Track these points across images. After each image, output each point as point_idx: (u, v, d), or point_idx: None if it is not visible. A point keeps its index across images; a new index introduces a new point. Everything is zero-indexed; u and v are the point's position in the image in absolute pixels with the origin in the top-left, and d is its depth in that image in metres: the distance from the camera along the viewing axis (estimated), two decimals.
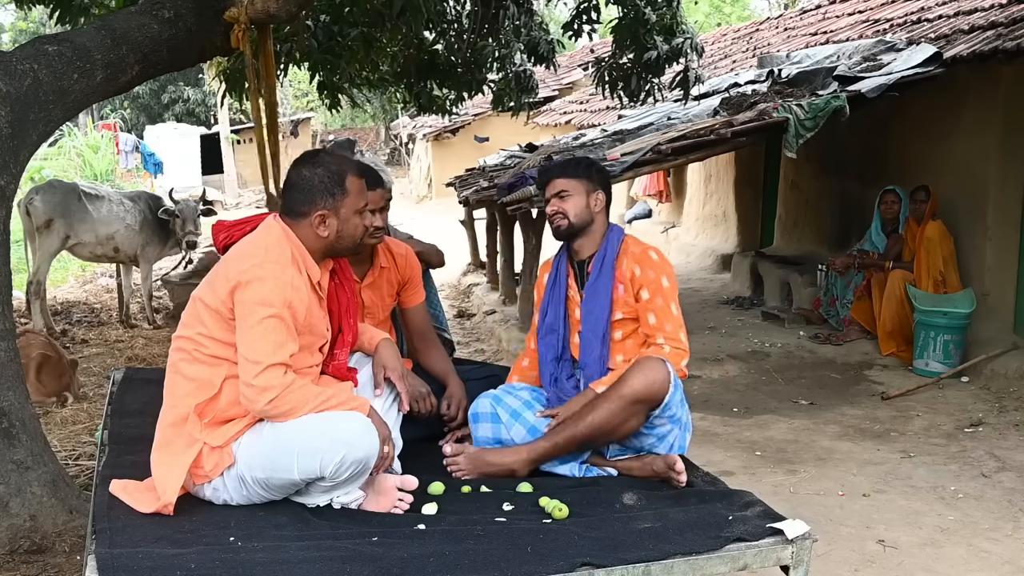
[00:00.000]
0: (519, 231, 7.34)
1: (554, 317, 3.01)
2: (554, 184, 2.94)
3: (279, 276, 2.29)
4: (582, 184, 2.92)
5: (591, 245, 2.96)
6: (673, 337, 2.83)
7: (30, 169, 12.48)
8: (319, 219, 2.39)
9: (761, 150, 8.57)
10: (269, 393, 2.22)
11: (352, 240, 2.47)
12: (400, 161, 26.77)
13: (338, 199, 2.40)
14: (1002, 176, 5.63)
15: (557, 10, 20.37)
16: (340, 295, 2.62)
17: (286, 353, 2.27)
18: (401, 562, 2.02)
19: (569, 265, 3.02)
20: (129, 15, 3.58)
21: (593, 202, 2.93)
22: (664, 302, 2.84)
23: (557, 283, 3.03)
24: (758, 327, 6.94)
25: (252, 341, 2.24)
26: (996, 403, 4.97)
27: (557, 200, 2.93)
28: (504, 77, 6.58)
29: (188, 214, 7.36)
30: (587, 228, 2.93)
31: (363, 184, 2.49)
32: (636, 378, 2.62)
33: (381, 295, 3.12)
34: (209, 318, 2.32)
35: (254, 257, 2.32)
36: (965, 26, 6.08)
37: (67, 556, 2.92)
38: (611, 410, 2.64)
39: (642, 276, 2.86)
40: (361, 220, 2.48)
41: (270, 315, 2.24)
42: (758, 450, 4.38)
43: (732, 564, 2.19)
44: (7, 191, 3.04)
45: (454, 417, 3.02)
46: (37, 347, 4.98)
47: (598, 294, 2.90)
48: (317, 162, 2.44)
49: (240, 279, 2.27)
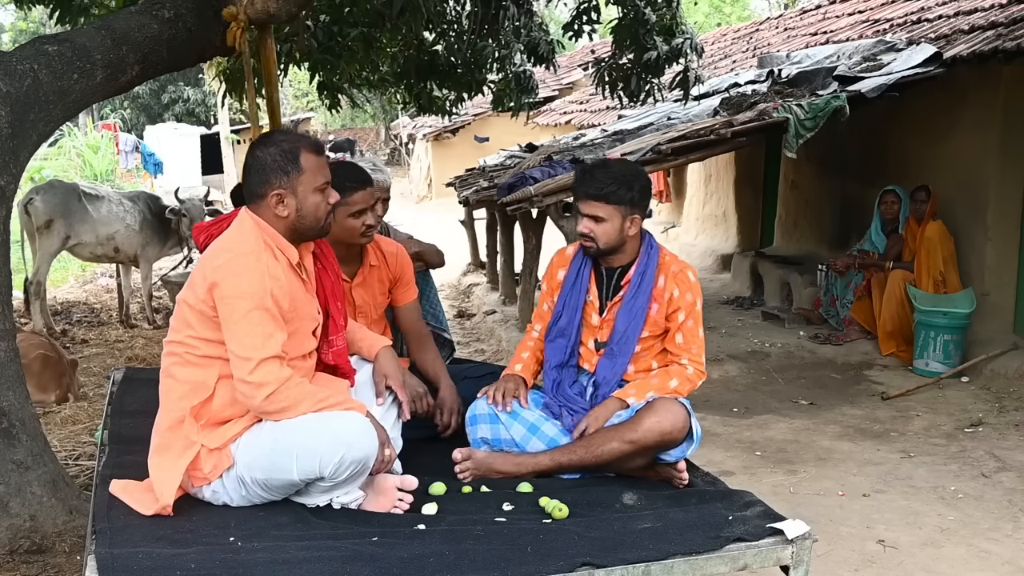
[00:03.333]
0: (519, 231, 7.34)
1: (567, 322, 2.91)
2: (590, 205, 2.77)
3: (253, 267, 2.26)
4: (619, 210, 2.75)
5: (622, 258, 2.85)
6: (697, 360, 2.84)
7: (30, 169, 12.48)
8: (276, 199, 2.33)
9: (761, 150, 8.56)
10: (266, 389, 2.21)
11: (315, 219, 2.39)
12: (400, 161, 26.76)
13: (292, 176, 2.33)
14: (1002, 176, 5.63)
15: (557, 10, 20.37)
16: (324, 279, 2.59)
17: (276, 344, 2.24)
18: (401, 562, 2.02)
19: (592, 270, 2.91)
20: (129, 15, 3.58)
21: (627, 226, 2.78)
22: (694, 324, 2.84)
23: (577, 287, 2.90)
24: (758, 327, 6.94)
25: (240, 337, 2.22)
26: (996, 403, 4.97)
27: (589, 221, 2.78)
28: (504, 77, 6.58)
29: (195, 213, 7.39)
30: (618, 248, 2.83)
31: (321, 161, 2.38)
32: (652, 427, 2.61)
33: (373, 294, 3.11)
34: (195, 319, 2.30)
35: (226, 252, 2.30)
36: (965, 26, 6.08)
37: (67, 556, 2.92)
38: (622, 451, 2.66)
39: (680, 298, 2.81)
40: (324, 198, 2.39)
41: (252, 308, 2.22)
42: (758, 450, 4.38)
43: (732, 564, 2.19)
44: (7, 191, 3.04)
45: (448, 426, 3.01)
46: (37, 347, 4.98)
47: (634, 314, 2.81)
48: (270, 141, 2.37)
49: (215, 277, 2.25)
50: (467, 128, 19.46)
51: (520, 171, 6.55)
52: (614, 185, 2.75)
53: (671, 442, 2.64)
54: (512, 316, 7.24)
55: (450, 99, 6.73)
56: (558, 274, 2.98)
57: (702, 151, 5.89)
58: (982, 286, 5.71)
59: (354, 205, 2.84)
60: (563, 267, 2.98)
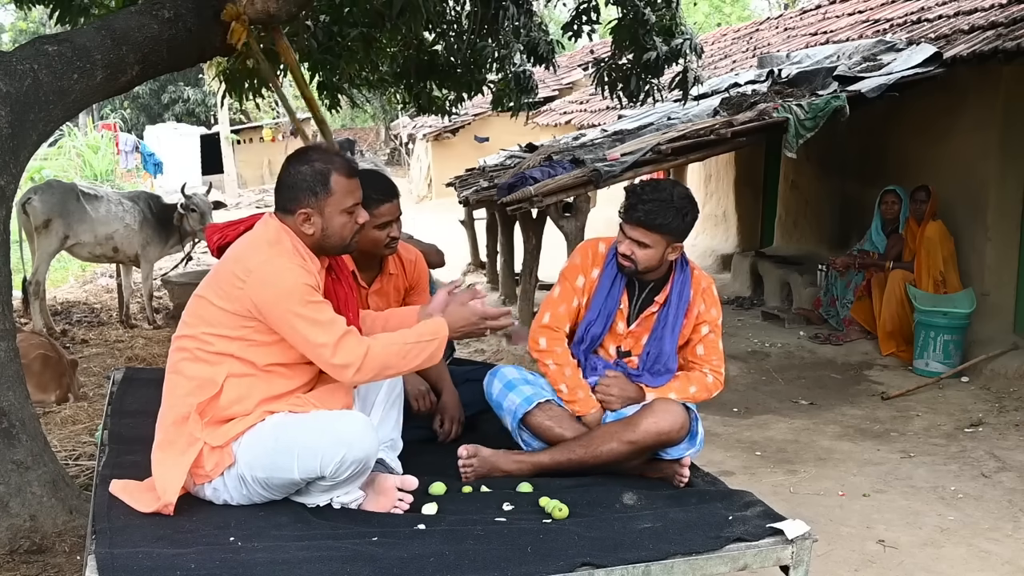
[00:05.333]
0: (519, 231, 7.34)
1: (600, 330, 2.89)
2: (636, 230, 2.72)
3: (290, 266, 2.30)
4: (664, 239, 2.72)
5: (655, 275, 2.84)
6: (717, 370, 2.91)
7: (30, 169, 12.47)
8: (303, 217, 2.38)
9: (761, 150, 8.56)
10: (351, 368, 2.28)
11: (340, 239, 2.43)
12: (400, 161, 26.76)
13: (321, 198, 2.37)
14: (1002, 176, 5.63)
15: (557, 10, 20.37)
16: (337, 290, 2.61)
17: (341, 323, 2.31)
18: (401, 562, 2.02)
19: (625, 282, 2.88)
20: (129, 15, 3.58)
21: (668, 252, 2.76)
22: (715, 337, 2.91)
23: (612, 295, 2.86)
24: (758, 327, 6.94)
25: (305, 334, 2.27)
26: (996, 403, 4.97)
27: (632, 244, 2.74)
28: (504, 77, 6.58)
29: (205, 208, 7.43)
30: (655, 269, 2.81)
31: (352, 184, 2.42)
32: (649, 428, 2.63)
33: (388, 301, 3.11)
34: (216, 315, 2.31)
35: (260, 254, 2.33)
36: (965, 26, 6.07)
37: (67, 556, 2.92)
38: (621, 451, 2.67)
39: (706, 313, 2.88)
40: (351, 219, 2.42)
41: (304, 301, 2.26)
42: (758, 450, 4.38)
43: (732, 564, 2.19)
44: (7, 191, 3.04)
45: (448, 433, 3.01)
46: (37, 347, 4.97)
47: (672, 331, 2.84)
48: (304, 159, 2.41)
49: (253, 282, 2.27)
50: (467, 128, 19.44)
51: (520, 171, 6.54)
52: (667, 216, 2.69)
53: (669, 442, 2.66)
54: (512, 316, 7.23)
55: (450, 99, 6.73)
56: (592, 272, 2.90)
57: (702, 151, 5.89)
58: (982, 286, 5.71)
59: (380, 217, 2.83)
60: (598, 266, 2.90)
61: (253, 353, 2.33)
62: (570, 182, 5.44)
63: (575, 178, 5.46)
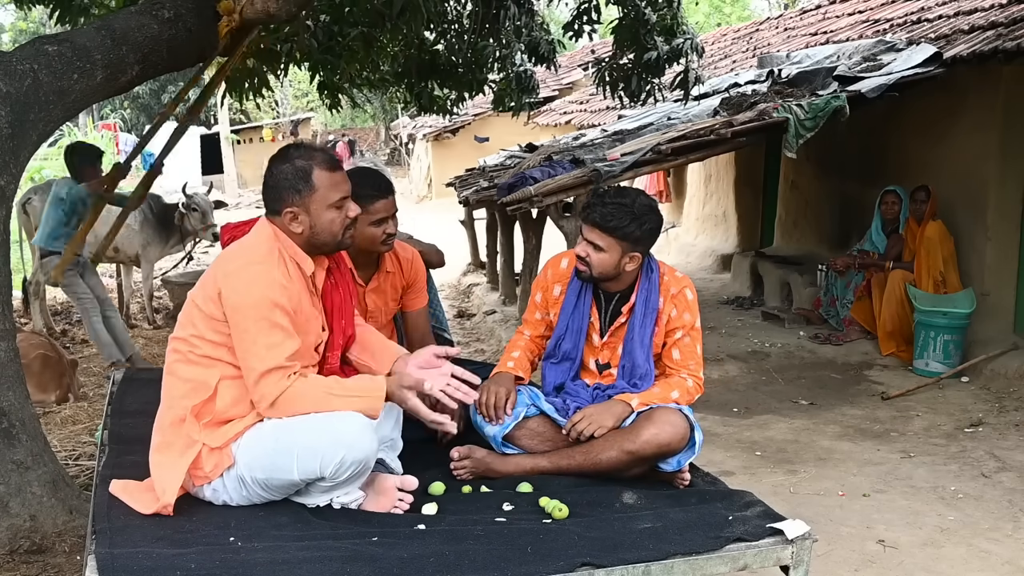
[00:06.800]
0: (519, 231, 7.35)
1: (572, 346, 2.87)
2: (592, 231, 2.70)
3: (263, 277, 2.27)
4: (620, 245, 2.69)
5: (618, 285, 2.81)
6: (695, 374, 2.85)
7: (30, 169, 12.47)
8: (290, 216, 2.36)
9: (761, 150, 8.56)
10: (265, 402, 2.25)
11: (331, 235, 2.40)
12: (400, 161, 26.76)
13: (305, 195, 2.34)
14: (1002, 176, 5.63)
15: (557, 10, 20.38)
16: (333, 295, 2.57)
17: (280, 355, 2.24)
18: (401, 562, 2.02)
19: (592, 292, 2.87)
20: (129, 15, 3.58)
21: (625, 261, 2.73)
22: (691, 341, 2.84)
23: (579, 310, 2.85)
24: (758, 327, 6.94)
25: (245, 348, 2.25)
26: (996, 403, 4.97)
27: (588, 246, 2.72)
28: (504, 77, 6.58)
29: (206, 206, 7.45)
30: (612, 278, 2.78)
31: (335, 177, 2.38)
32: (650, 439, 2.61)
33: (385, 300, 3.11)
34: (200, 319, 2.31)
35: (237, 260, 2.32)
36: (965, 26, 6.07)
37: (67, 556, 2.92)
38: (620, 460, 2.66)
39: (678, 318, 2.81)
40: (340, 213, 2.39)
41: (258, 318, 2.23)
42: (758, 450, 4.38)
43: (732, 564, 2.19)
44: (7, 191, 3.04)
45: (447, 432, 3.00)
46: (37, 347, 4.98)
47: (643, 343, 2.79)
48: (285, 158, 2.39)
49: (224, 285, 2.27)
50: (467, 128, 19.45)
51: (520, 171, 6.54)
52: (623, 220, 2.67)
53: (670, 452, 2.65)
54: (512, 316, 7.24)
55: (451, 99, 6.74)
56: (554, 289, 2.92)
57: (702, 151, 5.88)
58: (982, 286, 5.71)
59: (375, 213, 2.82)
60: (559, 282, 2.91)
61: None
62: (570, 182, 5.44)
63: (575, 178, 5.45)
